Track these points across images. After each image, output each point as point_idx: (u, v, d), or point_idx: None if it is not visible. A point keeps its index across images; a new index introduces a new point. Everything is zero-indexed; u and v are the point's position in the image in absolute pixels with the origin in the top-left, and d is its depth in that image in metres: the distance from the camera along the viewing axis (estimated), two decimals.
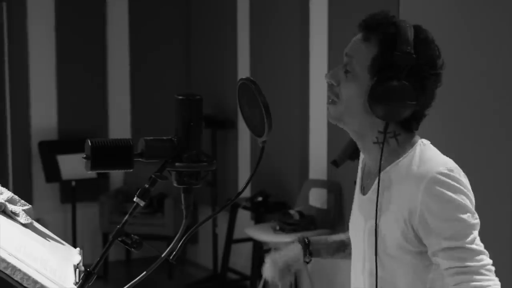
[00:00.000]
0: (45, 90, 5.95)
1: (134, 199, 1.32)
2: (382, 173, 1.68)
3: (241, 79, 1.49)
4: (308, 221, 4.62)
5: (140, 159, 1.33)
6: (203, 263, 6.15)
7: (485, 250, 1.60)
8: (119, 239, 1.32)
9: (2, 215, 1.52)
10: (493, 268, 1.60)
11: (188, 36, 6.30)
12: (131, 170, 1.31)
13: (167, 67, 6.31)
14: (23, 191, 5.55)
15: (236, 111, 5.40)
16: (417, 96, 1.62)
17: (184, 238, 1.36)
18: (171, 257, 1.36)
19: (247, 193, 5.20)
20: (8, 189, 1.62)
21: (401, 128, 1.68)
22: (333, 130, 4.78)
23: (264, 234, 4.63)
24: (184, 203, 1.37)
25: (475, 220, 1.61)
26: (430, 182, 1.60)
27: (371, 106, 1.62)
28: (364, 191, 1.77)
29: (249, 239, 4.97)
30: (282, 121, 4.96)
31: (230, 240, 5.34)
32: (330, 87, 1.70)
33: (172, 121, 1.35)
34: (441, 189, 1.59)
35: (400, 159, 1.67)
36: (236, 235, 5.32)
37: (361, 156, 1.84)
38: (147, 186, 1.32)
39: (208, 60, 6.09)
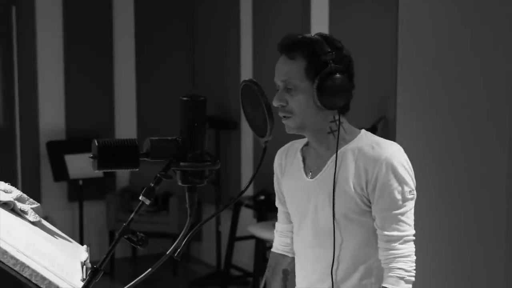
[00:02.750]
0: (53, 91, 5.96)
1: (140, 198, 1.34)
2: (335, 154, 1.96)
3: (244, 81, 1.52)
4: None
5: (145, 159, 1.34)
6: (206, 260, 6.17)
7: (411, 223, 1.93)
8: (125, 236, 1.33)
9: (12, 213, 1.54)
10: (412, 238, 1.92)
11: (192, 39, 6.32)
12: (137, 170, 1.33)
13: (172, 70, 6.33)
14: (32, 190, 5.57)
15: (239, 112, 5.42)
16: (349, 79, 1.92)
17: (188, 236, 1.37)
18: (175, 254, 1.37)
19: (249, 192, 5.21)
20: (17, 188, 1.64)
21: (342, 115, 1.97)
22: None
23: (266, 232, 4.65)
24: (188, 201, 1.38)
25: (411, 195, 1.93)
26: (386, 160, 1.90)
27: (323, 101, 1.88)
28: (312, 175, 2.01)
29: (252, 236, 4.99)
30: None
31: (233, 238, 5.35)
32: (282, 108, 1.94)
33: (177, 121, 1.37)
34: (392, 167, 1.89)
35: (350, 142, 1.96)
36: (239, 232, 5.34)
37: (280, 157, 2.22)
38: (152, 185, 1.33)
39: (211, 62, 6.10)
